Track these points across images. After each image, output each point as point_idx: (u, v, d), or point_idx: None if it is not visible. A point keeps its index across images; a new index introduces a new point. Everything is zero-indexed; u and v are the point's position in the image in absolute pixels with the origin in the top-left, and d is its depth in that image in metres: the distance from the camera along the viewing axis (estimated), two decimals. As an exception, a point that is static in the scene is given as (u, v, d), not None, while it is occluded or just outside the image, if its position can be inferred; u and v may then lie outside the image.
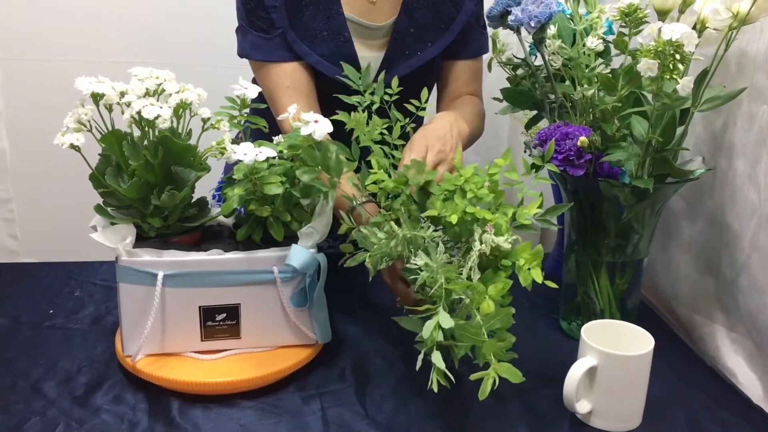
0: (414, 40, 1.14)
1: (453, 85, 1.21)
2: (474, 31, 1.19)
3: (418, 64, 1.15)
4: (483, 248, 0.79)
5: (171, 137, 0.90)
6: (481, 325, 0.76)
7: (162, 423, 0.85)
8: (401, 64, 1.14)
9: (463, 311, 0.79)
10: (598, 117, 0.98)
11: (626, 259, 1.01)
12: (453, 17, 1.15)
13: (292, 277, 0.92)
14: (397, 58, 1.14)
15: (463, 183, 0.85)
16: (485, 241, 0.79)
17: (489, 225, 0.81)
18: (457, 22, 1.15)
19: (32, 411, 0.87)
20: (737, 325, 1.02)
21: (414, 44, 1.14)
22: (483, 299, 0.77)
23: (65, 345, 1.01)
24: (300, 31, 1.10)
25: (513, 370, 0.75)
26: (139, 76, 0.92)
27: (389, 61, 1.14)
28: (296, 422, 0.86)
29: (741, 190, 0.97)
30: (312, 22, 1.10)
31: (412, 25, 1.13)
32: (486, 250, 0.79)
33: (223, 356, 0.94)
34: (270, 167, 0.91)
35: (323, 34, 1.10)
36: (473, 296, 0.77)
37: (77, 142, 0.88)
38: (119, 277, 0.90)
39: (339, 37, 1.11)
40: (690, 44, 0.82)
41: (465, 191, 0.85)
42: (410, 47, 1.14)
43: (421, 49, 1.15)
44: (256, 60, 1.12)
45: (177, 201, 0.90)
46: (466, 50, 1.19)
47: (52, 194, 1.74)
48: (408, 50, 1.14)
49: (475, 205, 0.83)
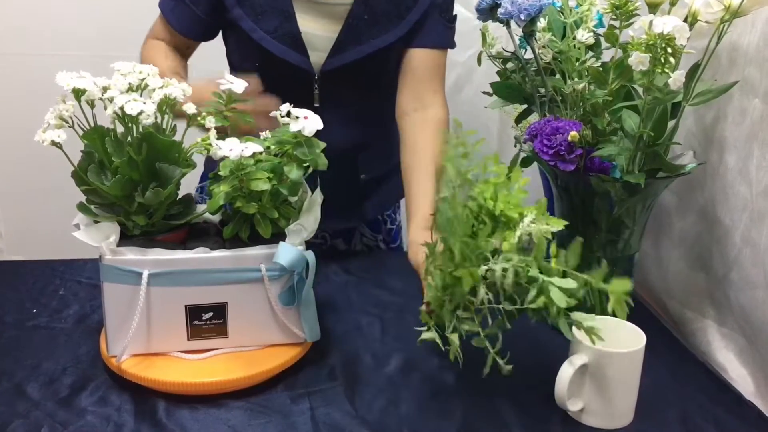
0: (368, 26, 1.14)
1: (411, 76, 1.19)
2: (436, 22, 1.18)
3: (369, 50, 1.14)
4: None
5: (155, 133, 0.88)
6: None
7: (148, 424, 0.84)
8: (352, 49, 1.14)
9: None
10: (588, 111, 0.97)
11: (617, 254, 1.00)
12: (410, 7, 1.15)
13: (279, 275, 0.90)
14: (349, 43, 1.14)
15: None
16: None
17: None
18: (413, 12, 1.15)
19: (15, 413, 0.85)
20: (728, 321, 1.01)
21: (367, 30, 1.14)
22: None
23: (49, 345, 0.99)
24: (247, 8, 1.10)
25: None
26: (122, 71, 0.90)
27: (340, 44, 1.14)
28: (285, 422, 0.85)
29: (732, 184, 0.97)
30: None
31: (367, 12, 1.13)
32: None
33: (210, 356, 0.92)
34: (257, 163, 0.89)
35: (267, 10, 1.10)
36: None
37: (58, 139, 0.86)
38: (103, 277, 0.88)
39: (283, 14, 1.11)
40: (682, 38, 0.81)
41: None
42: (363, 33, 1.14)
43: (374, 36, 1.14)
44: (162, 13, 1.17)
45: (162, 198, 0.89)
46: (424, 39, 1.18)
47: (35, 191, 1.71)
48: (361, 36, 1.14)
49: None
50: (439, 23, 1.18)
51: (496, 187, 0.83)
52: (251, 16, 1.10)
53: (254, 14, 1.10)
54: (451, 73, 1.59)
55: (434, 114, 1.18)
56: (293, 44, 1.12)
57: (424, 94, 1.18)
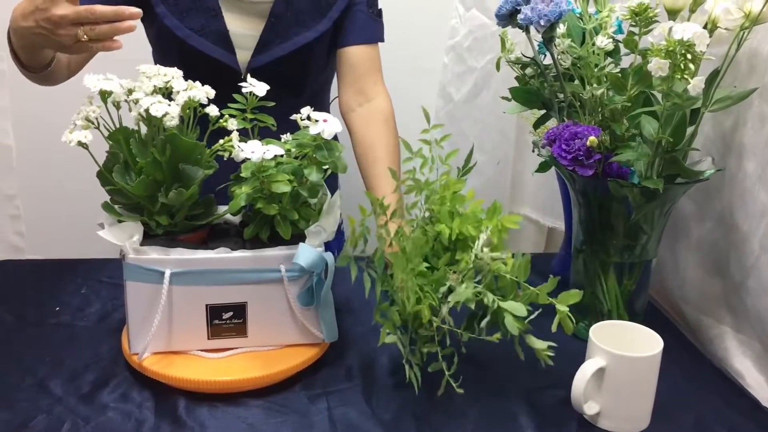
0: (291, 24, 1.16)
1: (352, 73, 1.22)
2: (364, 18, 1.21)
3: (293, 48, 1.17)
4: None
5: (179, 135, 0.89)
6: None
7: (168, 421, 0.85)
8: (275, 47, 1.16)
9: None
10: (607, 116, 0.97)
11: (635, 259, 1.01)
12: (330, 4, 1.18)
13: (299, 275, 0.91)
14: (272, 41, 1.16)
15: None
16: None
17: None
18: (333, 10, 1.18)
19: (38, 408, 0.86)
20: (745, 327, 1.01)
21: (290, 28, 1.16)
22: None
23: (71, 343, 1.01)
24: (171, 5, 1.12)
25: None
26: (147, 73, 0.92)
27: (264, 42, 1.16)
28: (303, 421, 0.86)
29: (751, 191, 0.97)
30: None
31: (289, 10, 1.15)
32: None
33: (229, 355, 0.93)
34: (278, 165, 0.91)
35: (192, 8, 1.12)
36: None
37: (85, 140, 0.87)
38: (126, 275, 0.89)
39: (209, 12, 1.13)
40: (701, 44, 0.82)
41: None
42: (287, 31, 1.16)
43: (297, 33, 1.16)
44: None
45: (184, 199, 0.90)
46: (356, 36, 1.21)
47: (58, 191, 1.73)
48: (284, 33, 1.16)
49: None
50: (368, 19, 1.21)
51: (449, 213, 0.87)
52: (176, 14, 1.12)
53: (179, 12, 1.12)
54: (469, 78, 1.61)
55: (378, 105, 1.22)
56: (221, 42, 1.14)
57: (366, 87, 1.21)
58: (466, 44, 1.59)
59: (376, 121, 1.21)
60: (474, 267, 0.84)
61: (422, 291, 0.83)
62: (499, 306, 0.82)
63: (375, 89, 1.23)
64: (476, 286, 0.83)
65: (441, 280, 0.84)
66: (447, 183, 0.88)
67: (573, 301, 0.83)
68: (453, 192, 0.88)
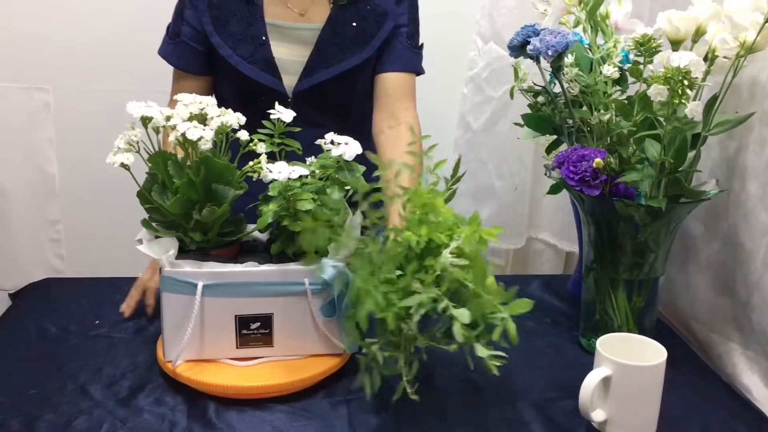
0: (336, 51, 1.25)
1: (385, 98, 1.29)
2: (403, 47, 1.29)
3: (337, 72, 1.25)
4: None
5: (212, 157, 0.97)
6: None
7: (199, 423, 0.91)
8: (320, 71, 1.25)
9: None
10: (614, 140, 1.02)
11: (643, 277, 1.05)
12: (374, 34, 1.26)
13: (322, 288, 0.97)
14: (317, 66, 1.25)
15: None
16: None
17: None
18: (376, 39, 1.26)
19: (79, 410, 0.93)
20: (752, 344, 1.04)
21: (336, 55, 1.25)
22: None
23: (110, 352, 1.07)
24: (225, 36, 1.23)
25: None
26: (183, 101, 0.99)
27: (310, 67, 1.25)
28: (324, 425, 0.91)
29: (753, 211, 1.01)
30: (236, 27, 1.23)
31: (335, 38, 1.24)
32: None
33: (256, 363, 0.99)
34: (302, 185, 0.97)
35: (243, 38, 1.23)
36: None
37: (127, 162, 0.95)
38: (162, 287, 0.96)
39: (257, 41, 1.23)
40: (697, 71, 0.87)
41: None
42: (331, 57, 1.25)
43: (341, 59, 1.25)
44: (166, 59, 1.29)
45: (216, 216, 0.97)
46: (394, 64, 1.29)
47: (96, 217, 1.82)
48: (329, 59, 1.25)
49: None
50: (406, 49, 1.29)
51: (418, 221, 0.87)
52: (229, 43, 1.23)
53: (231, 42, 1.23)
54: (487, 108, 1.67)
55: (407, 128, 1.27)
56: (267, 68, 1.23)
57: (398, 112, 1.28)
58: (485, 75, 1.66)
59: (403, 143, 1.26)
60: (440, 274, 0.83)
61: (386, 298, 0.84)
62: (451, 315, 0.81)
63: (406, 114, 1.29)
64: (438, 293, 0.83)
65: (406, 288, 0.84)
66: (417, 191, 0.89)
67: (523, 310, 0.82)
68: (423, 201, 0.88)
